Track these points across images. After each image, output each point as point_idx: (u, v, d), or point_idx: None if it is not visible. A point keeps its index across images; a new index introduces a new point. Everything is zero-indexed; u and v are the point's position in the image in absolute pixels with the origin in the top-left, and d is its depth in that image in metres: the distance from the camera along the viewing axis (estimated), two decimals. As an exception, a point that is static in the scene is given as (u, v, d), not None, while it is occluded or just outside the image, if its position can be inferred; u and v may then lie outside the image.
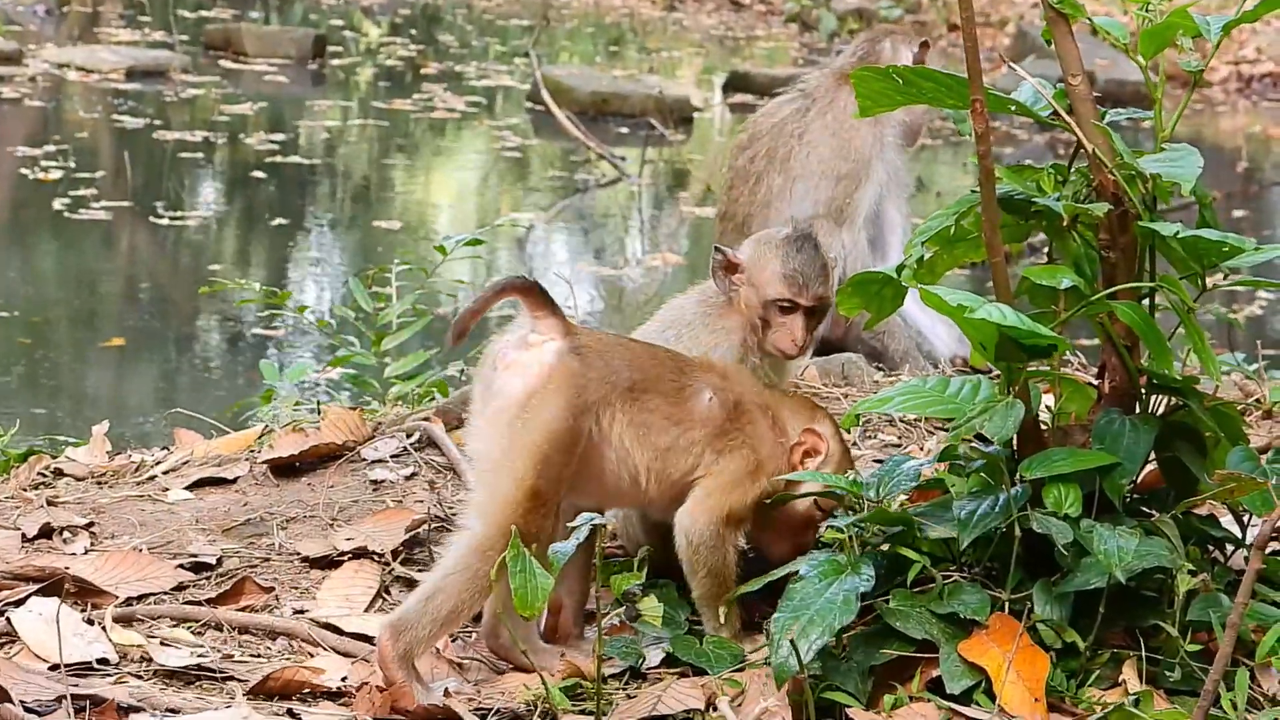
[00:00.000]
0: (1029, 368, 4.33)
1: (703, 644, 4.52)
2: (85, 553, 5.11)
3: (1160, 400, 4.53)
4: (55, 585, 4.80)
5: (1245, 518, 4.57)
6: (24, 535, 5.21)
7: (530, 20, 27.08)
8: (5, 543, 5.16)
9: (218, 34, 22.81)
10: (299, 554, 5.16)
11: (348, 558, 5.10)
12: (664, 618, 4.61)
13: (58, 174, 15.77)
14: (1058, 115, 4.44)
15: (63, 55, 20.79)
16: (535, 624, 4.58)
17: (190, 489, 5.62)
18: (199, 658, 4.51)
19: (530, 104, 20.45)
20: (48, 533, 5.24)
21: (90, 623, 4.62)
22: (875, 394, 4.67)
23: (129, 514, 5.41)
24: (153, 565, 5.00)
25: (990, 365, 4.39)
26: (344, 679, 4.42)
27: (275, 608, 4.89)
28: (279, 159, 17.25)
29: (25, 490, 5.61)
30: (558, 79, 20.26)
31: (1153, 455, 4.49)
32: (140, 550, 5.11)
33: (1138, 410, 4.50)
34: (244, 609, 4.85)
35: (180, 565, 5.05)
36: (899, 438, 6.07)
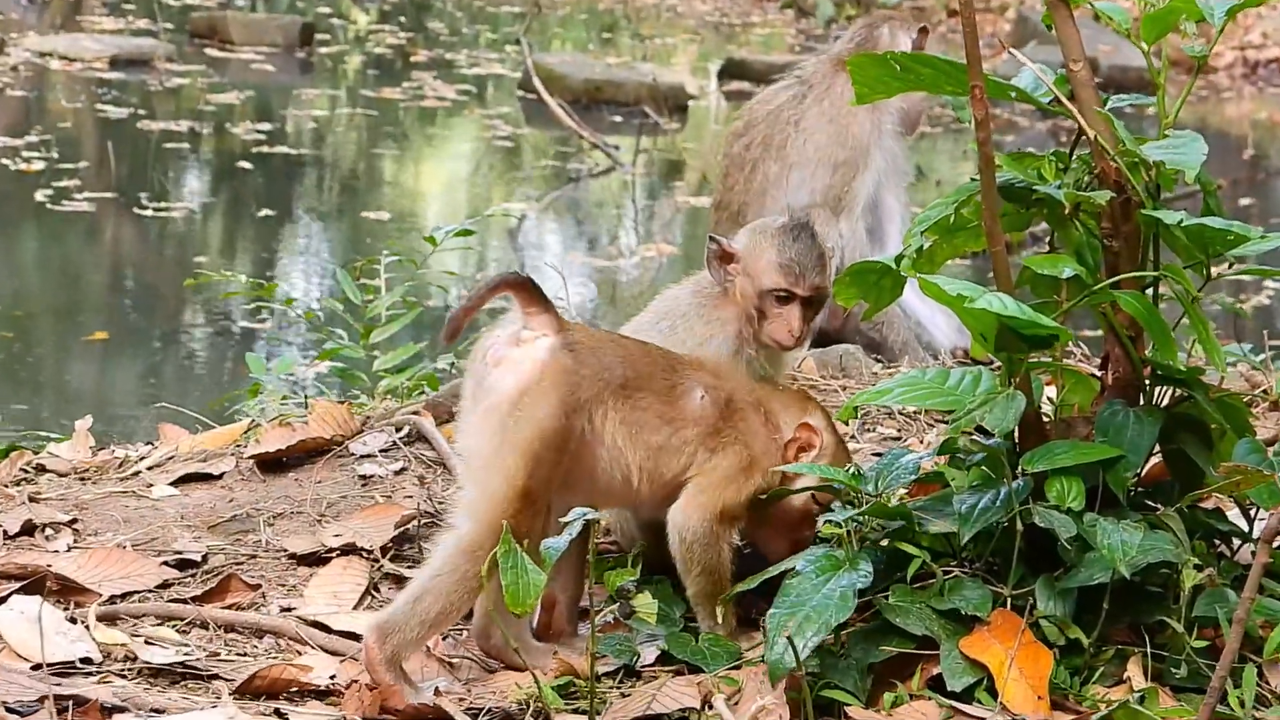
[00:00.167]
0: (1030, 359, 4.33)
1: (698, 641, 4.52)
2: (68, 550, 5.10)
3: (1165, 392, 4.53)
4: (37, 583, 4.79)
5: (1252, 511, 4.57)
6: (5, 532, 5.20)
7: (522, 7, 27.09)
8: (-13, 540, 5.16)
9: (203, 22, 22.81)
10: (286, 551, 5.16)
11: (336, 554, 5.10)
12: (659, 615, 4.61)
13: (40, 165, 15.75)
14: (1059, 101, 4.43)
15: (45, 44, 20.77)
16: (527, 621, 4.58)
17: (175, 485, 5.61)
18: (184, 656, 4.51)
19: (522, 92, 20.44)
20: (30, 530, 5.23)
21: (73, 621, 4.61)
22: (874, 386, 4.68)
23: (113, 510, 5.41)
24: (137, 562, 4.99)
25: (991, 356, 4.39)
26: (332, 678, 4.42)
27: (262, 605, 4.88)
28: (266, 149, 17.23)
29: (7, 486, 5.60)
30: (550, 67, 20.25)
31: (1157, 448, 4.49)
32: (124, 547, 5.10)
33: (1142, 402, 4.50)
34: (230, 607, 4.84)
35: (165, 562, 5.04)
36: (898, 431, 6.07)
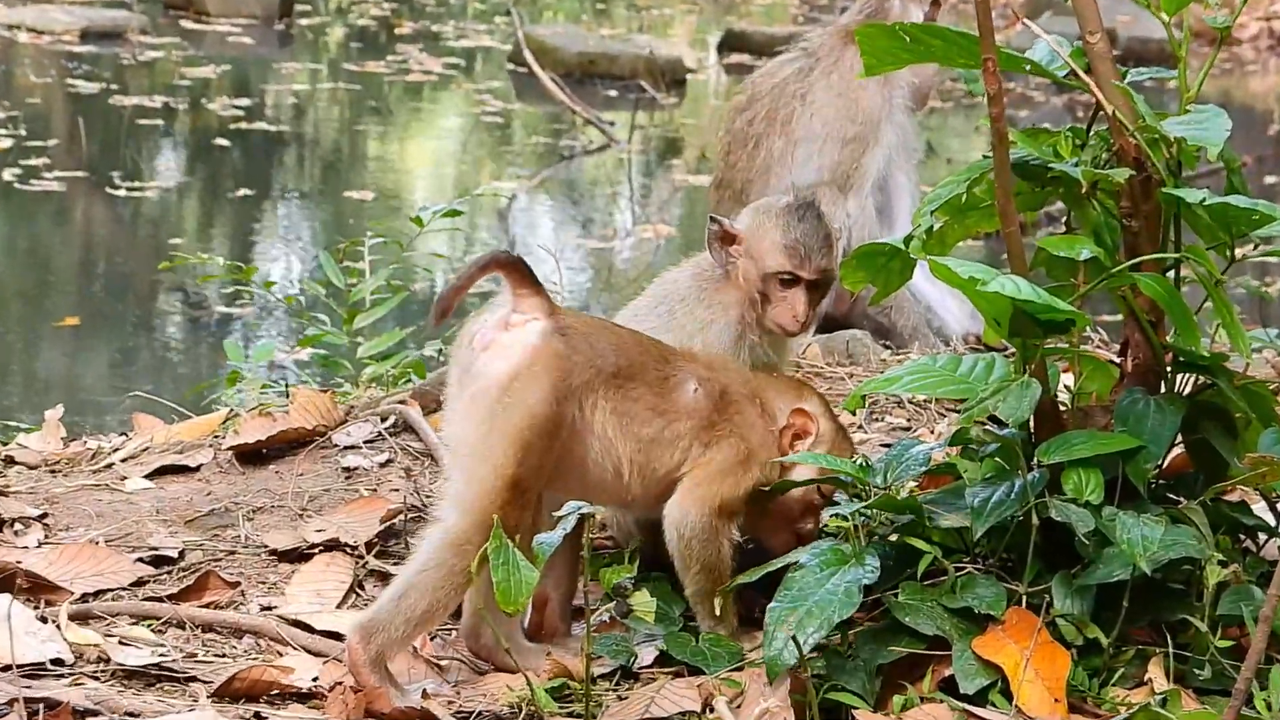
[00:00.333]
0: (1046, 345, 4.33)
1: (698, 641, 4.52)
2: (38, 546, 5.10)
3: (1187, 379, 4.53)
4: (6, 581, 4.79)
5: (1278, 504, 4.57)
6: (-28, 528, 5.21)
7: (512, -24, 27.06)
8: (-48, 536, 5.16)
9: (178, -8, 22.79)
10: (266, 547, 5.16)
11: (318, 550, 5.10)
12: (657, 613, 4.61)
13: (8, 142, 15.74)
14: (1075, 75, 4.43)
15: (13, 16, 20.75)
16: (519, 621, 4.58)
17: (150, 478, 5.61)
18: (160, 657, 4.51)
19: (512, 65, 20.44)
20: (-2, 525, 5.24)
21: (44, 620, 4.61)
22: (882, 374, 4.68)
23: (85, 504, 5.41)
24: (110, 559, 4.99)
25: (1005, 342, 4.39)
26: (315, 680, 4.42)
27: (241, 604, 4.89)
28: (244, 125, 17.22)
29: (-27, 480, 5.61)
30: (541, 39, 20.25)
31: (1179, 438, 4.49)
32: (97, 543, 5.10)
33: (1163, 390, 4.50)
34: (208, 605, 4.84)
35: (140, 559, 5.04)
36: (908, 420, 6.07)
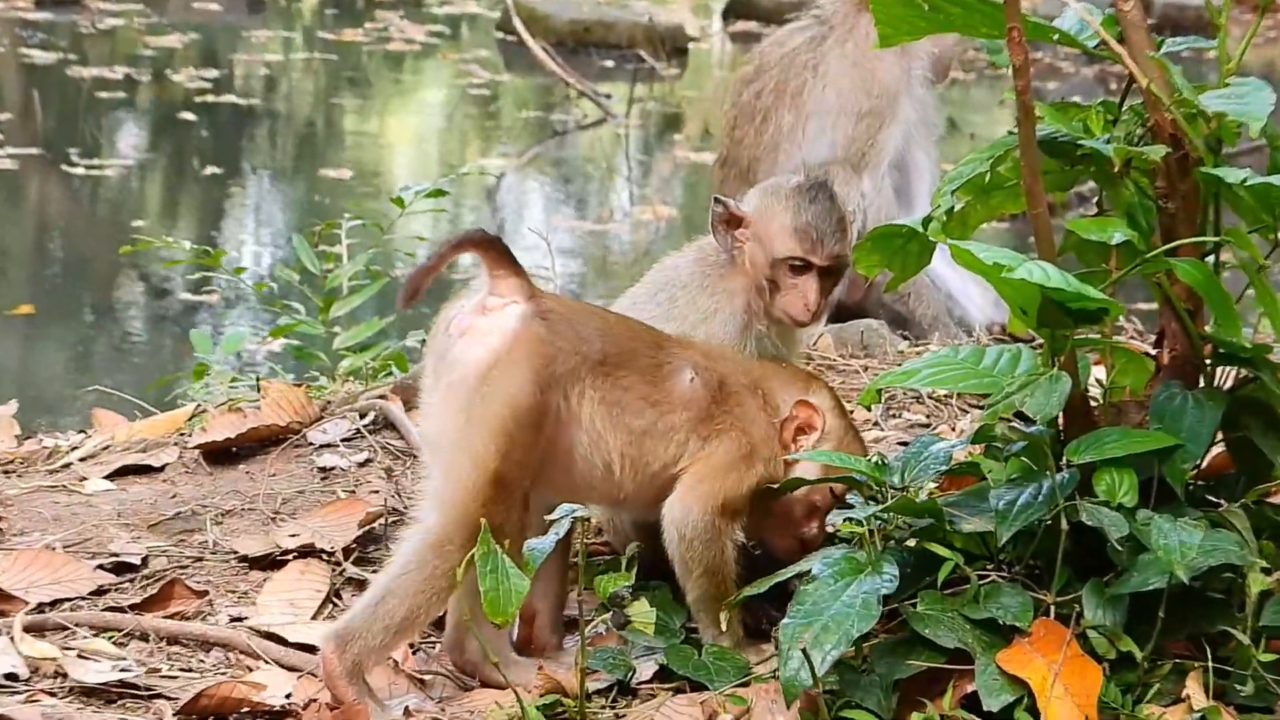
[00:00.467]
0: (1076, 335, 4.33)
1: (701, 655, 4.52)
2: (-10, 552, 5.11)
3: (1227, 372, 4.53)
4: (-44, 590, 4.80)
5: (1325, 507, 4.57)
6: (-81, 532, 5.21)
7: (500, -63, 27.07)
8: (-102, 541, 5.17)
9: (140, -45, 22.79)
10: (236, 553, 5.16)
11: (292, 557, 5.10)
12: (657, 625, 4.60)
13: (-44, 117, 15.77)
14: (1107, 45, 4.42)
15: (-39, -20, 20.76)
16: (507, 632, 4.58)
17: (111, 478, 5.61)
18: (122, 672, 4.51)
19: (500, 34, 20.45)
20: (-54, 530, 5.24)
21: (-4, 633, 4.62)
22: (899, 366, 4.67)
23: (41, 507, 5.41)
24: (68, 566, 4.99)
25: (1032, 333, 4.39)
26: (288, 696, 4.42)
27: (209, 615, 4.89)
28: (211, 98, 17.22)
29: (-80, 481, 5.61)
30: (532, 5, 20.25)
31: (1219, 435, 4.49)
32: (54, 549, 5.11)
33: (1201, 384, 4.50)
34: (173, 616, 4.85)
35: (100, 566, 5.04)
36: (927, 416, 6.07)
